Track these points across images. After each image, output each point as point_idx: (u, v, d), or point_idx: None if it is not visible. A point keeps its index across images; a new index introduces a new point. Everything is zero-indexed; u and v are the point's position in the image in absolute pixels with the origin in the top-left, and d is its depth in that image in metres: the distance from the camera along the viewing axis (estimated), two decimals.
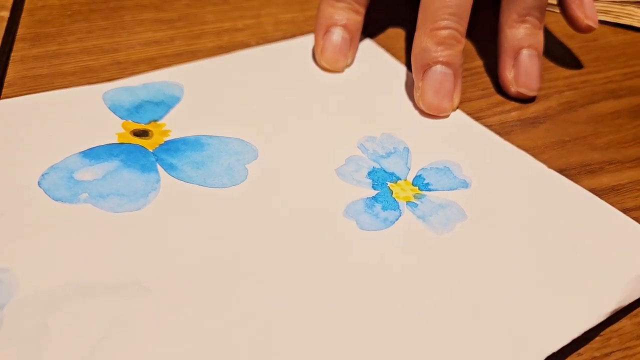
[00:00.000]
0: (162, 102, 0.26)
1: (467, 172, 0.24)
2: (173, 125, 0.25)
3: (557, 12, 0.32)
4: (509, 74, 0.29)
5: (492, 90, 0.30)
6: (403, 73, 0.30)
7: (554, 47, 0.33)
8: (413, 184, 0.24)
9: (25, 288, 0.18)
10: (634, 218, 0.23)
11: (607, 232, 0.22)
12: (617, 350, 0.19)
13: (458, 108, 0.28)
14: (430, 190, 0.23)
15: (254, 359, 0.17)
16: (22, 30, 0.31)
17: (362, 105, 0.27)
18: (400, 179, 0.24)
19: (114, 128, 0.24)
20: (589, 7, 0.30)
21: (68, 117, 0.25)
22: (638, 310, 0.21)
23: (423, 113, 0.27)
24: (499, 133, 0.27)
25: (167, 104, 0.26)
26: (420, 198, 0.23)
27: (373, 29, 0.33)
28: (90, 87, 0.26)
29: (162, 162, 0.23)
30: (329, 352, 0.18)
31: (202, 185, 0.22)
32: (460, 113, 0.27)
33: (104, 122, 0.25)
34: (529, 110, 0.29)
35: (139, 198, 0.22)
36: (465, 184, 0.24)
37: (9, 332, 0.17)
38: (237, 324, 0.18)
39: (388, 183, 0.23)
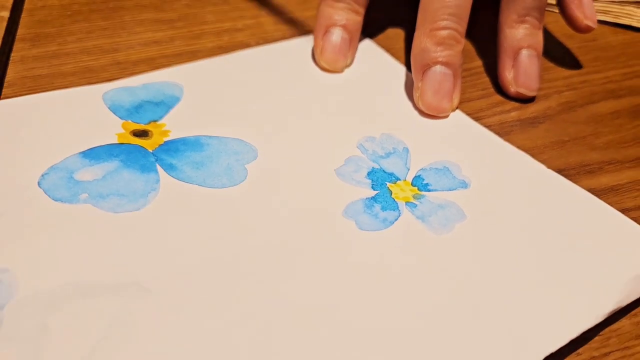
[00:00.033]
0: (161, 102, 0.26)
1: (466, 172, 0.24)
2: (173, 126, 0.25)
3: (556, 12, 0.32)
4: (509, 74, 0.29)
5: (491, 91, 0.30)
6: (402, 73, 0.30)
7: (554, 47, 0.33)
8: (412, 185, 0.24)
9: (25, 288, 0.18)
10: (633, 218, 0.23)
11: (606, 232, 0.22)
12: (616, 350, 0.19)
13: (457, 108, 0.28)
14: (430, 191, 0.23)
15: (254, 359, 0.17)
16: (22, 31, 0.31)
17: (361, 106, 0.27)
18: (400, 180, 0.24)
19: (114, 128, 0.24)
20: (588, 7, 0.30)
21: (68, 117, 0.25)
22: (637, 310, 0.21)
23: (422, 113, 0.27)
24: (499, 133, 0.27)
25: (166, 104, 0.26)
26: (420, 198, 0.23)
27: (372, 29, 0.33)
28: (90, 87, 0.26)
29: (161, 162, 0.23)
30: (329, 352, 0.18)
31: (201, 186, 0.22)
32: (460, 113, 0.28)
33: (104, 122, 0.25)
34: (529, 111, 0.29)
35: (139, 198, 0.22)
36: (465, 185, 0.24)
37: (9, 332, 0.17)
38: (236, 324, 0.18)
39: (387, 183, 0.23)
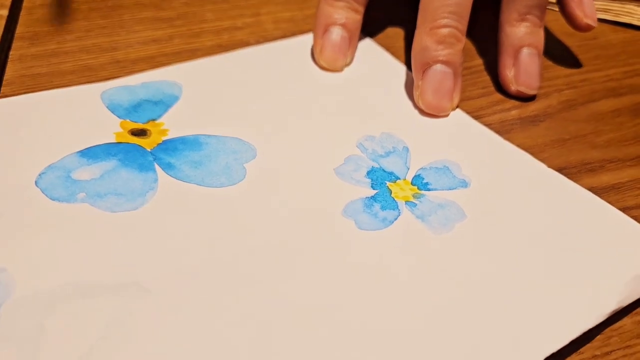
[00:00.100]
0: (160, 101, 0.26)
1: (466, 171, 0.24)
2: (171, 125, 0.25)
3: (556, 10, 0.32)
4: (509, 73, 0.29)
5: (492, 89, 0.30)
6: (402, 72, 0.29)
7: (554, 45, 0.33)
8: (412, 184, 0.23)
9: (23, 288, 0.18)
10: (634, 217, 0.23)
11: (607, 231, 0.22)
12: (617, 349, 0.19)
13: (458, 107, 0.28)
14: (430, 190, 0.23)
15: (253, 359, 0.17)
16: (20, 29, 0.31)
17: (361, 105, 0.27)
18: (400, 179, 0.24)
19: (112, 127, 0.24)
20: (588, 5, 0.30)
21: (66, 116, 0.25)
22: (639, 309, 0.20)
23: (422, 112, 0.27)
24: (499, 131, 0.26)
25: (165, 103, 0.26)
26: (420, 198, 0.23)
27: (372, 28, 0.33)
28: (89, 86, 0.26)
29: (160, 161, 0.23)
30: (328, 352, 0.18)
31: (200, 185, 0.22)
32: (460, 112, 0.27)
33: (102, 121, 0.24)
34: (529, 109, 0.29)
35: (137, 197, 0.21)
36: (465, 184, 0.24)
37: (6, 331, 0.17)
38: (236, 324, 0.18)
39: (387, 182, 0.23)
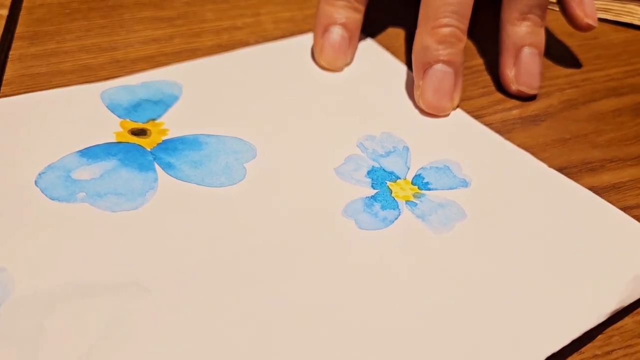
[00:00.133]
0: (160, 100, 0.26)
1: (466, 171, 0.24)
2: (171, 124, 0.25)
3: (557, 10, 0.32)
4: (510, 72, 0.29)
5: (492, 89, 0.30)
6: (403, 72, 0.29)
7: (555, 45, 0.33)
8: (412, 183, 0.23)
9: (22, 288, 0.18)
10: (635, 216, 0.23)
11: (607, 231, 0.22)
12: (618, 349, 0.19)
13: (458, 107, 0.28)
14: (430, 190, 0.23)
15: (253, 359, 0.17)
16: (20, 29, 0.30)
17: (361, 104, 0.27)
18: (400, 178, 0.24)
19: (112, 127, 0.24)
20: (589, 5, 0.30)
21: (66, 116, 0.24)
22: None
23: (423, 112, 0.27)
24: (500, 131, 0.26)
25: (165, 103, 0.26)
26: (420, 197, 0.23)
27: (373, 28, 0.32)
28: (89, 85, 0.26)
29: (160, 161, 0.23)
30: (328, 352, 0.18)
31: (200, 185, 0.22)
32: (460, 112, 0.27)
33: (102, 121, 0.24)
34: (530, 108, 0.29)
35: (137, 197, 0.21)
36: (465, 183, 0.23)
37: (6, 331, 0.17)
38: (236, 324, 0.18)
39: (387, 182, 0.23)
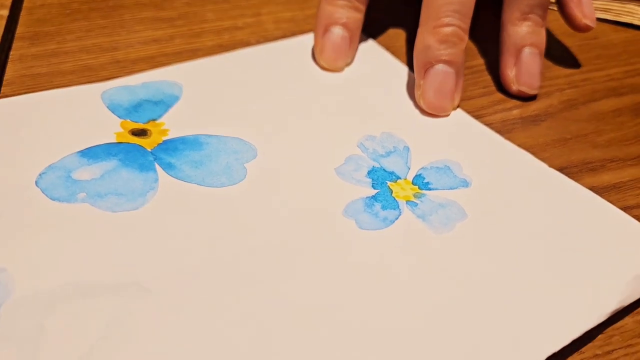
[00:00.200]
0: (161, 101, 0.26)
1: (467, 171, 0.24)
2: (172, 125, 0.25)
3: (556, 10, 0.32)
4: (511, 72, 0.29)
5: (493, 89, 0.30)
6: (403, 72, 0.29)
7: (555, 45, 0.33)
8: (413, 183, 0.23)
9: (23, 288, 0.18)
10: (635, 216, 0.23)
11: (608, 231, 0.22)
12: (619, 348, 0.19)
13: (459, 106, 0.28)
14: (430, 190, 0.23)
15: (253, 359, 0.17)
16: (21, 29, 0.31)
17: (362, 105, 0.27)
18: (400, 178, 0.24)
19: (113, 127, 0.24)
20: (587, 6, 0.30)
21: (66, 116, 0.25)
22: None
23: (423, 112, 0.27)
24: (500, 131, 0.26)
25: (166, 103, 0.26)
26: (420, 197, 0.23)
27: (373, 28, 0.32)
28: (89, 86, 0.26)
29: (160, 161, 0.23)
30: (329, 352, 0.18)
31: (200, 185, 0.22)
32: (461, 112, 0.27)
33: (103, 121, 0.24)
34: (531, 108, 0.29)
35: (137, 197, 0.21)
36: (466, 183, 0.23)
37: (6, 331, 0.17)
38: (236, 324, 0.18)
39: (388, 182, 0.23)
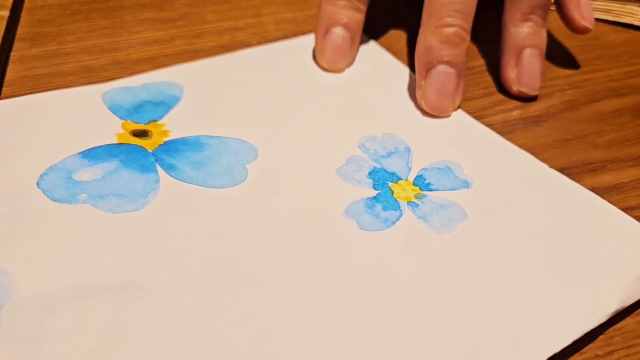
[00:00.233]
0: (162, 102, 0.26)
1: (468, 172, 0.24)
2: (173, 126, 0.25)
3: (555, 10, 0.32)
4: (511, 73, 0.29)
5: (494, 89, 0.30)
6: (404, 73, 0.29)
7: (556, 45, 0.33)
8: (414, 184, 0.23)
9: (24, 289, 0.18)
10: (636, 217, 0.23)
11: (609, 232, 0.22)
12: (620, 349, 0.19)
13: (460, 107, 0.28)
14: (431, 190, 0.23)
15: (254, 359, 0.17)
16: (21, 30, 0.31)
17: (362, 105, 0.27)
18: (401, 179, 0.24)
19: (114, 128, 0.24)
20: (586, 7, 0.30)
21: (67, 117, 0.25)
22: None
23: (424, 113, 0.27)
24: (501, 132, 0.26)
25: (167, 104, 0.26)
26: (421, 198, 0.23)
27: (374, 29, 0.32)
28: (90, 87, 0.26)
29: (161, 162, 0.23)
30: (329, 352, 0.18)
31: (201, 186, 0.22)
32: (462, 113, 0.27)
33: (104, 122, 0.24)
34: (531, 109, 0.29)
35: (138, 198, 0.21)
36: (467, 184, 0.23)
37: (7, 332, 0.17)
38: (236, 325, 0.18)
39: (389, 183, 0.23)
